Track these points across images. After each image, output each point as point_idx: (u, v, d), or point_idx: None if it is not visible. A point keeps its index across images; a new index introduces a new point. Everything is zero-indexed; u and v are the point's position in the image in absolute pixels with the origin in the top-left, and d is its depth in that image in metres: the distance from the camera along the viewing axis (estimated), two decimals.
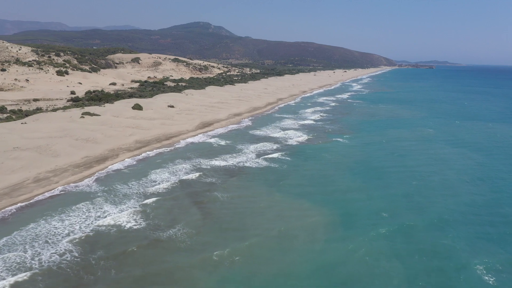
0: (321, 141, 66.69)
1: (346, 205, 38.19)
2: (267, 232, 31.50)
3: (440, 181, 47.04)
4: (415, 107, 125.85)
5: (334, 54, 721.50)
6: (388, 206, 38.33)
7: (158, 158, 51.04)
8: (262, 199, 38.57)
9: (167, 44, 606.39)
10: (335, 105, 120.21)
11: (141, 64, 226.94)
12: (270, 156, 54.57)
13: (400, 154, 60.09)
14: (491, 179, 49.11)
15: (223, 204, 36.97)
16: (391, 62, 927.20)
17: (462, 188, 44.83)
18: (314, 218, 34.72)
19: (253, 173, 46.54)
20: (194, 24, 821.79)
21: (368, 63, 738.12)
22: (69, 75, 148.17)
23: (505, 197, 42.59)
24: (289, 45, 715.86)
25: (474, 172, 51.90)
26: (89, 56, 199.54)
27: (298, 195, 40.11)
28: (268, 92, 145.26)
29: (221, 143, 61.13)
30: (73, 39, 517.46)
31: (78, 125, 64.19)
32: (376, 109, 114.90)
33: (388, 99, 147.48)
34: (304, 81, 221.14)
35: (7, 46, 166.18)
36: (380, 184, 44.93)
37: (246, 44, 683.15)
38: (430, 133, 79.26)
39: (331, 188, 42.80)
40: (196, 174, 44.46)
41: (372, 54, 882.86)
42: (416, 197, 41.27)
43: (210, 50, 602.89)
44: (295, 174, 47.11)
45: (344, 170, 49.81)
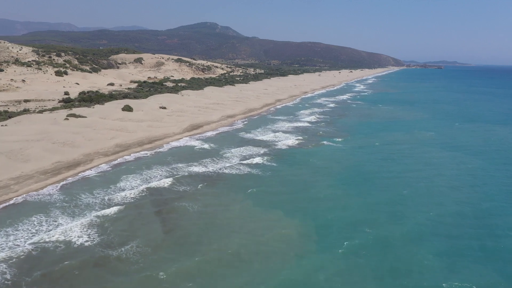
0: (312, 145, 63.42)
1: (322, 216, 35.02)
2: (227, 247, 28.51)
3: (429, 189, 43.56)
4: (417, 108, 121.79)
5: (341, 54, 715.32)
6: (367, 217, 35.12)
7: (134, 163, 48.20)
8: (233, 210, 35.52)
9: (173, 45, 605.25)
10: (334, 107, 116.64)
11: (143, 65, 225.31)
12: (254, 161, 51.47)
13: (394, 159, 56.62)
14: (485, 186, 45.46)
15: (190, 215, 33.97)
16: (399, 62, 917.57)
17: (452, 197, 41.33)
18: (283, 231, 31.64)
19: (232, 180, 43.48)
20: (201, 25, 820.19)
21: (375, 63, 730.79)
22: (68, 75, 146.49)
23: (496, 207, 39.09)
24: (296, 45, 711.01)
25: (468, 178, 48.29)
26: (91, 56, 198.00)
27: (273, 205, 36.97)
28: (268, 93, 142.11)
29: (205, 147, 58.17)
30: (81, 39, 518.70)
31: (60, 128, 61.70)
32: (376, 111, 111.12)
33: (390, 100, 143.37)
34: (307, 82, 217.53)
35: (8, 47, 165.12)
36: (365, 192, 41.56)
37: (252, 45, 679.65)
38: (429, 136, 75.51)
39: (311, 197, 39.56)
40: (170, 181, 41.52)
41: (380, 54, 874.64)
42: (399, 207, 37.88)
43: (216, 50, 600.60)
44: (276, 181, 43.93)
45: (330, 176, 46.49)
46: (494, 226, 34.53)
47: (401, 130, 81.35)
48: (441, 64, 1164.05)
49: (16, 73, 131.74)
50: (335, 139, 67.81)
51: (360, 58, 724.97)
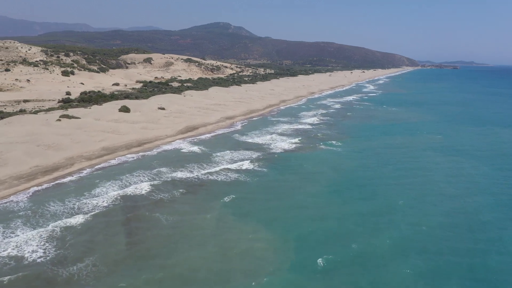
0: (309, 149, 60.32)
1: (302, 227, 32.23)
2: (192, 263, 26.03)
3: (425, 198, 40.25)
4: (426, 110, 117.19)
5: (354, 54, 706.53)
6: (351, 229, 32.24)
7: (117, 168, 45.87)
8: (207, 220, 32.85)
9: (186, 45, 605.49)
10: (340, 108, 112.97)
11: (152, 65, 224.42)
12: (243, 166, 48.68)
13: (393, 164, 53.08)
14: (486, 195, 42.00)
15: (160, 226, 31.38)
16: (413, 63, 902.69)
17: (448, 208, 37.98)
18: (256, 244, 28.97)
19: (214, 187, 40.78)
20: (214, 25, 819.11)
21: (389, 64, 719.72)
22: (74, 75, 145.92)
23: (494, 220, 35.76)
24: (308, 45, 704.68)
25: (468, 186, 44.82)
26: (100, 56, 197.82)
27: (252, 214, 34.28)
28: (274, 93, 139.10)
29: (196, 151, 55.60)
30: (95, 39, 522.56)
31: (50, 129, 59.89)
32: (382, 112, 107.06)
33: (398, 101, 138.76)
34: (317, 82, 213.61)
35: (17, 46, 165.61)
36: (354, 201, 38.51)
37: (265, 44, 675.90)
38: (434, 140, 71.55)
39: (294, 206, 36.72)
40: (148, 188, 39.06)
41: (394, 54, 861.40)
42: (389, 218, 34.74)
43: (228, 50, 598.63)
44: (261, 188, 41.06)
45: (320, 183, 43.38)
46: (489, 242, 31.36)
47: (406, 133, 77.55)
48: (457, 64, 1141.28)
49: (22, 73, 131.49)
50: (334, 143, 64.52)
51: (373, 58, 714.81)
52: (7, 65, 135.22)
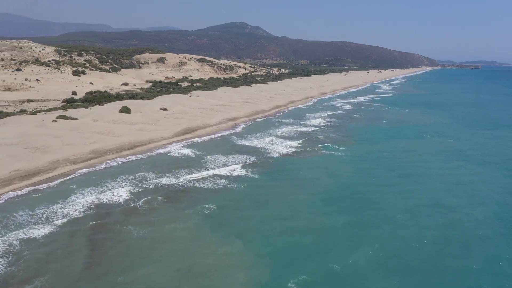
0: (309, 153, 57.02)
1: (280, 241, 29.62)
2: (155, 283, 23.33)
3: (420, 209, 37.05)
4: (441, 111, 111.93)
5: (372, 54, 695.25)
6: (332, 244, 29.61)
7: (101, 173, 43.58)
8: (182, 233, 30.18)
9: (203, 45, 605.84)
10: (349, 109, 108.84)
11: (166, 64, 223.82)
12: (234, 173, 45.81)
13: (398, 172, 49.30)
14: (490, 207, 38.17)
15: (129, 239, 28.78)
16: (433, 62, 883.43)
17: (442, 220, 34.75)
18: (224, 260, 26.60)
19: (198, 195, 38.03)
20: (231, 24, 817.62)
21: (408, 63, 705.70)
22: (85, 75, 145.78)
23: (493, 235, 32.13)
24: (325, 44, 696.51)
25: (473, 196, 41.28)
26: (113, 56, 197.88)
27: (230, 227, 31.56)
28: (283, 94, 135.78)
29: (189, 154, 53.01)
30: (113, 40, 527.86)
31: (43, 130, 58.25)
32: (393, 114, 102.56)
33: (413, 103, 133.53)
34: (330, 82, 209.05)
35: (31, 46, 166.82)
36: (344, 212, 35.45)
37: (281, 44, 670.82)
38: (446, 144, 67.21)
39: (278, 217, 33.88)
40: (127, 196, 36.61)
41: (413, 54, 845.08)
42: (375, 230, 31.77)
43: (245, 50, 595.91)
44: (248, 198, 38.09)
45: (313, 192, 40.15)
46: (484, 260, 28.14)
47: (415, 136, 73.31)
48: (479, 64, 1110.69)
49: (33, 73, 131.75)
50: (337, 147, 61.01)
51: (392, 58, 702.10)
52: (19, 64, 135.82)
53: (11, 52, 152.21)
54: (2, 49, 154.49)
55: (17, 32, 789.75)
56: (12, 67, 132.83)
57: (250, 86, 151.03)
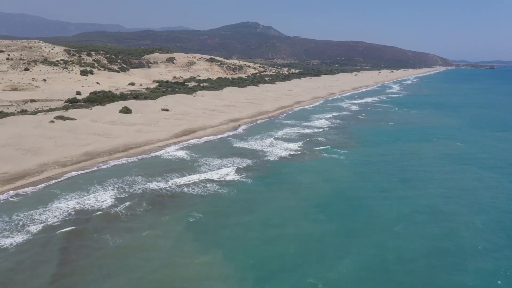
0: (308, 157, 54.87)
1: (261, 251, 28.09)
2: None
3: (415, 216, 34.86)
4: (451, 113, 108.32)
5: (384, 53, 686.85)
6: (314, 255, 27.87)
7: (89, 176, 42.13)
8: (162, 242, 28.53)
9: (214, 44, 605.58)
10: (357, 110, 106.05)
11: (175, 64, 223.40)
12: (228, 177, 43.94)
13: (400, 177, 46.82)
14: (490, 214, 35.51)
15: (103, 251, 27.10)
16: (447, 62, 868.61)
17: (438, 229, 32.50)
18: (199, 272, 25.09)
19: (185, 202, 36.25)
20: (243, 24, 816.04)
21: (421, 63, 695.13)
22: (93, 75, 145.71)
23: (488, 246, 29.74)
24: (337, 44, 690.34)
25: (474, 203, 38.65)
26: (122, 56, 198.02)
27: (214, 235, 29.98)
28: (291, 94, 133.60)
29: (184, 157, 51.36)
30: (126, 39, 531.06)
31: (38, 131, 57.31)
32: (401, 115, 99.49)
33: (423, 103, 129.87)
34: (340, 82, 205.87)
35: (41, 46, 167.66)
36: (334, 220, 33.67)
37: (293, 44, 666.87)
38: (453, 148, 64.29)
39: (264, 225, 32.12)
40: (110, 202, 35.04)
41: (427, 53, 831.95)
42: (362, 240, 29.74)
43: (256, 50, 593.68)
44: (238, 204, 36.17)
45: (307, 199, 38.05)
46: (478, 275, 25.79)
47: (422, 139, 70.45)
48: (495, 64, 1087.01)
49: (41, 73, 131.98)
50: (339, 150, 58.72)
51: (405, 58, 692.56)
52: (27, 64, 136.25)
53: (21, 52, 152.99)
54: (12, 49, 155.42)
55: (33, 32, 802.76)
56: (20, 67, 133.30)
57: (257, 86, 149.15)
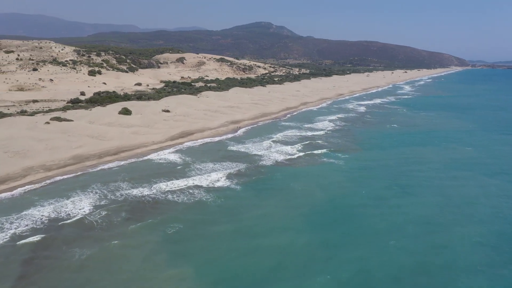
0: (306, 162, 52.30)
1: (233, 266, 26.15)
2: None
3: (405, 228, 32.23)
4: (462, 115, 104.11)
5: (398, 53, 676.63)
6: (286, 271, 25.72)
7: (72, 181, 40.45)
8: (133, 257, 26.51)
9: (227, 44, 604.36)
10: (364, 111, 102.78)
11: (185, 64, 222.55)
12: (217, 184, 41.73)
13: (402, 187, 43.73)
14: (488, 226, 32.55)
15: (68, 265, 25.15)
16: (463, 62, 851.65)
17: (427, 242, 30.13)
18: None
19: (168, 211, 34.15)
20: (256, 24, 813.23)
21: (436, 63, 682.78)
22: (101, 75, 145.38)
23: (482, 262, 26.66)
24: (350, 44, 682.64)
25: (471, 215, 35.70)
26: (132, 56, 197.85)
27: (189, 249, 27.97)
28: (298, 94, 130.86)
29: (176, 161, 49.38)
30: (139, 40, 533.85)
31: (31, 133, 56.03)
32: (410, 118, 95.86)
33: (434, 105, 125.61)
34: (350, 83, 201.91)
35: (51, 46, 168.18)
36: (319, 234, 31.20)
37: (306, 44, 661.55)
38: (462, 153, 60.88)
39: (246, 237, 29.99)
40: (87, 210, 33.16)
41: (442, 53, 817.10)
42: (343, 255, 26.96)
43: (268, 50, 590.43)
44: (222, 214, 33.87)
45: (297, 208, 35.57)
46: None
47: (430, 143, 67.10)
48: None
49: (49, 73, 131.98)
50: (339, 154, 56.01)
51: (419, 58, 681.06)
52: (36, 64, 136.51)
53: (31, 52, 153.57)
54: (23, 49, 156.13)
55: (50, 33, 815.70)
56: (29, 67, 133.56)
57: (265, 86, 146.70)
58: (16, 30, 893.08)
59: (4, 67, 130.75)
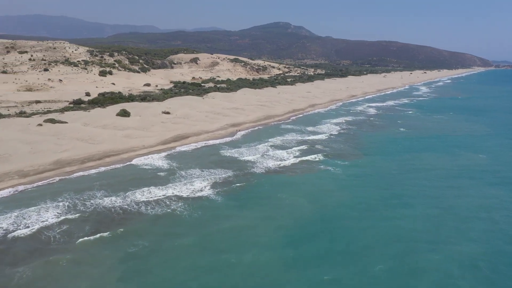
0: (302, 170, 48.70)
1: None
2: None
3: (394, 246, 28.30)
4: (479, 119, 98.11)
5: (419, 53, 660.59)
6: None
7: (44, 189, 38.03)
8: (79, 277, 23.78)
9: (244, 45, 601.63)
10: (374, 114, 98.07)
11: (198, 65, 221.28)
12: (200, 193, 38.66)
13: (400, 197, 39.76)
14: (484, 245, 28.32)
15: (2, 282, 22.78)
16: (486, 63, 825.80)
17: (412, 263, 26.45)
18: None
19: (137, 225, 31.20)
20: (274, 24, 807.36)
21: (458, 64, 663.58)
22: (112, 75, 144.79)
23: None
24: (369, 44, 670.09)
25: (468, 235, 31.09)
26: (145, 57, 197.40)
27: (143, 270, 24.74)
28: (308, 96, 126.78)
29: (162, 167, 46.61)
30: (158, 40, 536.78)
31: (20, 136, 54.27)
32: (422, 121, 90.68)
33: (449, 108, 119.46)
34: (365, 84, 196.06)
35: (65, 47, 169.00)
36: (293, 250, 27.88)
37: (324, 44, 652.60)
38: (475, 161, 56.03)
39: (211, 254, 26.69)
40: (50, 222, 30.66)
41: (464, 53, 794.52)
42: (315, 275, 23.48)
43: (286, 50, 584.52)
44: (191, 229, 30.68)
45: (275, 224, 32.07)
46: None
47: (440, 149, 62.33)
48: None
49: (59, 73, 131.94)
50: (338, 161, 52.18)
51: (440, 58, 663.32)
52: (48, 65, 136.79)
53: (44, 52, 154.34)
54: (37, 49, 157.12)
55: (71, 33, 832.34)
56: (40, 67, 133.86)
57: (275, 87, 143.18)
58: (39, 31, 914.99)
59: (16, 67, 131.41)
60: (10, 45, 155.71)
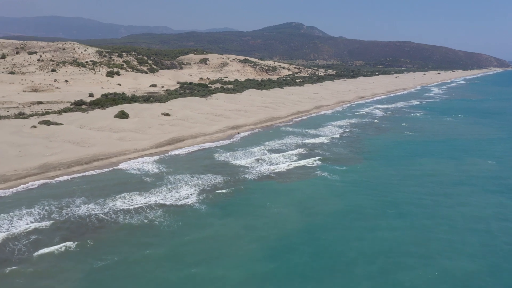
0: (297, 176, 46.25)
1: None
2: None
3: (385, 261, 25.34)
4: (492, 122, 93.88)
5: (433, 54, 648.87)
6: None
7: (22, 195, 36.36)
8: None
9: (256, 45, 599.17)
10: (380, 116, 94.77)
11: (208, 65, 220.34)
12: (184, 201, 36.57)
13: (401, 210, 36.53)
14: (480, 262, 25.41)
15: None
16: (503, 63, 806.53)
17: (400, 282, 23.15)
18: None
19: (111, 237, 29.23)
20: (286, 25, 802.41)
21: (473, 64, 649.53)
22: (119, 76, 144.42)
23: None
24: (383, 44, 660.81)
25: (464, 250, 27.98)
26: (153, 57, 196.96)
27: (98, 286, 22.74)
28: (314, 97, 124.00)
29: (151, 172, 44.75)
30: (170, 41, 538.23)
31: (13, 138, 53.17)
32: (431, 124, 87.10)
33: (460, 110, 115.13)
34: (376, 85, 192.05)
35: (74, 47, 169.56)
36: (271, 264, 25.49)
37: (336, 45, 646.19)
38: (484, 168, 52.63)
39: (173, 271, 24.35)
40: (19, 232, 29.01)
41: (480, 54, 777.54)
42: None
43: (298, 50, 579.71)
44: (164, 241, 28.40)
45: (257, 236, 29.70)
46: None
47: (448, 155, 59.04)
48: None
49: (66, 74, 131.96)
50: (336, 167, 49.57)
51: (455, 59, 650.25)
52: (55, 65, 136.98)
53: (53, 53, 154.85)
54: (46, 50, 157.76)
55: (86, 34, 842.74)
56: (48, 68, 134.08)
57: (282, 88, 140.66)
58: (56, 33, 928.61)
59: (24, 68, 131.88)
60: (20, 46, 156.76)
